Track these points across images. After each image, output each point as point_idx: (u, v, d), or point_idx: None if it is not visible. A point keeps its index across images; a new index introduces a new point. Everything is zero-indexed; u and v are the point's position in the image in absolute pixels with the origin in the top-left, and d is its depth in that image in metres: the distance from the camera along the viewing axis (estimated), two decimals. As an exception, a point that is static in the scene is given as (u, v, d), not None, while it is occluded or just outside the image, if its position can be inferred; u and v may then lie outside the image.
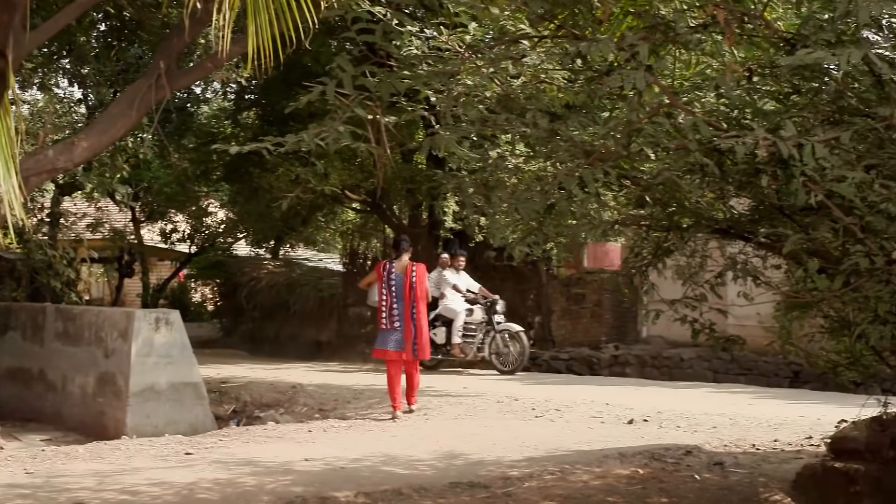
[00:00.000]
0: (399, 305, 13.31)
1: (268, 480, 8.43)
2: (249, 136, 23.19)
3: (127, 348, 12.27)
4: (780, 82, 6.58)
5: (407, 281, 13.40)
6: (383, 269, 13.56)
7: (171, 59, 13.30)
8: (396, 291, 13.37)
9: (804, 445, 10.11)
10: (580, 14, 6.92)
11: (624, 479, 8.45)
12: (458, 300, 20.10)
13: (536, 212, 7.14)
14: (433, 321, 19.41)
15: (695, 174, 6.73)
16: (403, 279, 13.42)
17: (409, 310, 13.31)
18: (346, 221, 33.70)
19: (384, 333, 13.35)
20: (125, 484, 8.30)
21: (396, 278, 13.42)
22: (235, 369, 20.00)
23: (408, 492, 7.90)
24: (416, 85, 6.77)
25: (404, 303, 13.32)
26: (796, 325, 7.86)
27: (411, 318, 13.30)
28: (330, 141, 6.58)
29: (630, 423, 11.93)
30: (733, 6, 6.14)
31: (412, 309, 13.31)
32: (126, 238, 31.94)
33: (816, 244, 6.11)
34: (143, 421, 12.03)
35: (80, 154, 13.03)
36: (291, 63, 15.93)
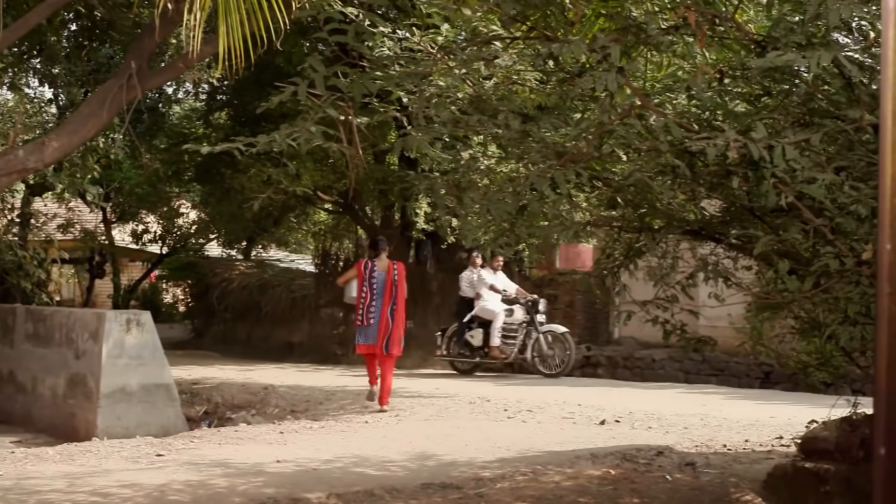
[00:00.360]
0: (377, 303, 13.59)
1: (239, 482, 8.39)
2: (221, 136, 23.12)
3: (98, 349, 12.20)
4: (751, 84, 6.61)
5: (389, 279, 13.66)
6: (364, 267, 13.82)
7: (143, 60, 13.26)
8: (377, 289, 13.64)
9: (775, 446, 10.15)
10: (552, 16, 6.93)
11: (595, 480, 8.46)
12: (496, 300, 19.58)
13: (508, 213, 7.15)
14: (469, 322, 19.57)
15: (666, 175, 6.75)
16: (385, 277, 13.68)
17: (388, 307, 13.57)
18: (318, 222, 33.66)
19: (361, 329, 13.68)
20: (96, 486, 8.25)
21: (378, 277, 13.69)
22: (207, 370, 19.93)
23: (380, 493, 7.88)
24: (388, 86, 6.77)
25: (383, 300, 13.58)
26: (767, 326, 7.90)
27: (388, 316, 13.55)
28: (302, 141, 6.57)
29: (602, 424, 11.95)
30: (704, 8, 6.16)
31: (391, 306, 13.58)
32: (97, 239, 31.80)
33: (787, 245, 6.14)
34: (114, 422, 11.96)
35: (50, 154, 12.97)
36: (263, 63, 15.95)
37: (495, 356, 19.36)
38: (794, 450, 8.43)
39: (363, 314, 13.64)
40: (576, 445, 10.23)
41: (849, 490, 6.88)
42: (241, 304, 27.90)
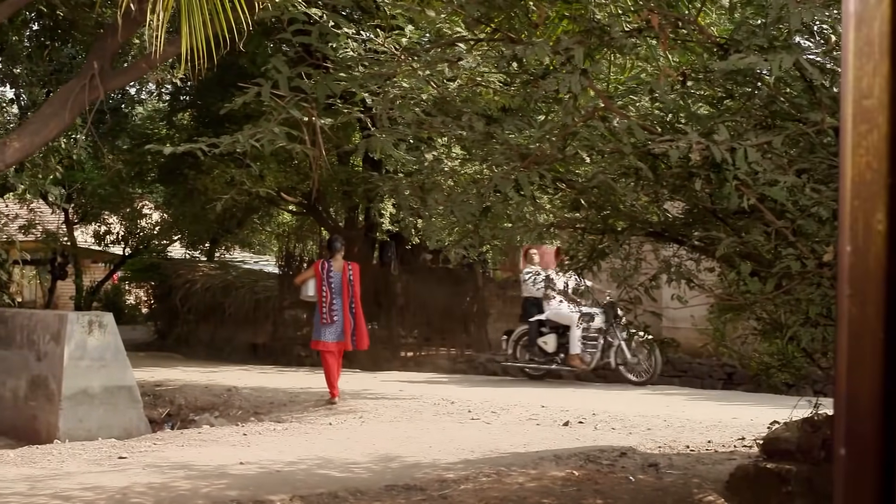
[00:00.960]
0: (338, 301, 14.41)
1: (202, 484, 8.36)
2: (184, 137, 23.03)
3: (59, 351, 12.12)
4: (714, 87, 6.64)
5: (345, 278, 14.49)
6: (321, 267, 14.61)
7: (105, 60, 13.19)
8: (335, 288, 14.44)
9: (737, 446, 10.20)
10: (516, 18, 6.94)
11: (559, 481, 8.48)
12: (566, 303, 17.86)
13: (472, 214, 7.16)
14: (540, 327, 18.72)
15: (629, 178, 6.77)
16: (342, 277, 14.50)
17: (348, 305, 14.42)
18: (281, 223, 33.60)
19: (324, 327, 14.47)
20: (57, 489, 8.20)
21: (335, 276, 14.49)
22: (170, 372, 19.85)
23: (343, 495, 7.87)
24: (352, 87, 6.76)
25: (343, 299, 14.41)
26: (730, 328, 7.93)
27: (350, 313, 14.42)
28: (265, 142, 6.56)
29: (566, 426, 11.97)
30: (667, 11, 6.18)
31: (350, 304, 14.44)
32: (59, 240, 31.57)
33: (749, 247, 6.17)
34: (76, 425, 11.89)
35: (11, 155, 12.88)
36: (227, 64, 15.92)
37: (575, 364, 17.95)
38: (756, 450, 8.47)
39: (327, 312, 14.39)
40: (539, 447, 10.25)
41: (810, 490, 6.92)
42: (205, 306, 27.77)
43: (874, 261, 1.35)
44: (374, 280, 25.11)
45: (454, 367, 22.26)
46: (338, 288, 14.46)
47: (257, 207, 27.13)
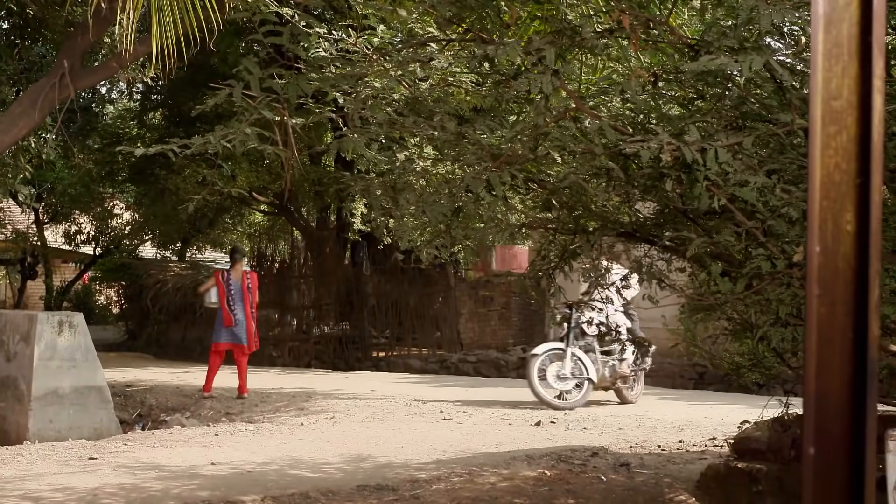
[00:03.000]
0: (239, 307, 15.79)
1: (173, 485, 8.34)
2: (155, 137, 22.99)
3: (29, 352, 12.06)
4: (685, 88, 6.66)
5: (244, 285, 15.93)
6: (222, 277, 16.10)
7: (76, 58, 13.13)
8: (235, 295, 15.81)
9: (708, 446, 10.25)
10: (488, 18, 6.95)
11: (531, 481, 8.50)
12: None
13: (444, 214, 7.16)
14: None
15: (601, 178, 6.79)
16: (240, 284, 15.93)
17: (249, 310, 15.85)
18: (253, 223, 33.54)
19: (227, 329, 15.83)
20: (27, 490, 8.16)
21: (234, 284, 15.90)
22: (141, 373, 19.79)
23: (315, 495, 7.87)
24: (323, 87, 6.75)
25: (244, 304, 15.80)
26: (700, 328, 7.96)
27: (251, 317, 15.92)
28: (237, 143, 6.54)
29: (537, 426, 12.00)
30: (638, 12, 6.20)
31: (251, 309, 15.92)
32: (29, 240, 31.46)
33: (720, 248, 6.19)
34: (46, 426, 11.84)
35: (-20, 154, 12.82)
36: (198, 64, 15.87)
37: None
38: (727, 450, 8.51)
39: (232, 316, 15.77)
40: (511, 447, 10.27)
41: (780, 490, 6.96)
42: (176, 306, 27.68)
43: (843, 261, 1.36)
44: (346, 280, 25.12)
45: (426, 368, 22.29)
46: (238, 294, 15.82)
47: (229, 207, 27.10)
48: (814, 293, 1.38)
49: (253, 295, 16.03)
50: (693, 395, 16.25)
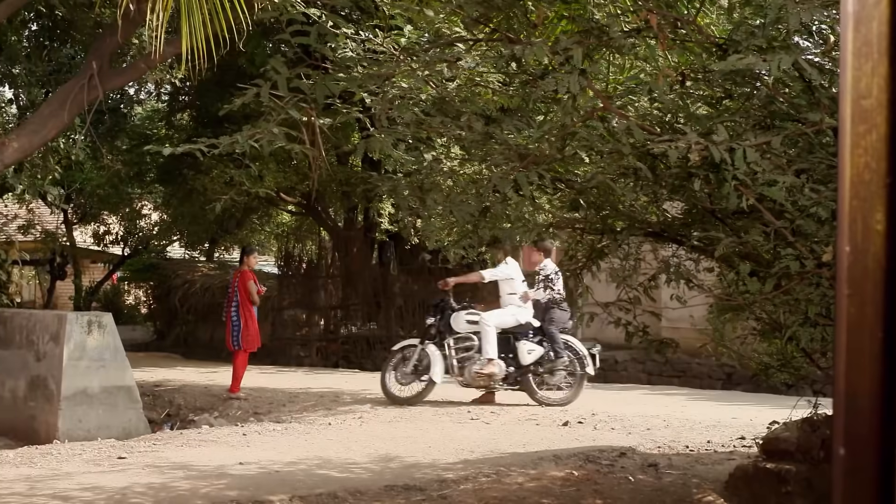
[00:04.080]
0: (232, 308, 15.65)
1: (202, 485, 8.36)
2: (183, 137, 23.02)
3: (59, 352, 12.12)
4: (713, 87, 6.64)
5: (232, 285, 15.88)
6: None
7: (104, 60, 13.19)
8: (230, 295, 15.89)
9: (737, 446, 10.20)
10: (515, 18, 6.94)
11: (559, 481, 8.48)
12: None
13: (471, 214, 7.16)
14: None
15: (628, 178, 6.77)
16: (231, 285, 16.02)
17: (231, 309, 15.64)
18: (280, 224, 33.58)
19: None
20: (57, 489, 8.20)
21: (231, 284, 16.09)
22: (169, 373, 19.84)
23: (343, 495, 7.87)
24: (351, 87, 6.76)
25: (236, 305, 15.61)
26: (729, 328, 7.93)
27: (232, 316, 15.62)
28: (264, 143, 6.56)
29: (565, 426, 11.97)
30: (666, 11, 6.19)
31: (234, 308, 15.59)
32: (58, 240, 31.54)
33: (748, 247, 6.17)
34: (75, 425, 11.90)
35: (10, 155, 12.89)
36: (226, 64, 15.90)
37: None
38: (755, 450, 8.47)
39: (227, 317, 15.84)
40: (539, 447, 10.24)
41: (809, 490, 6.92)
42: (204, 306, 27.74)
43: (873, 261, 1.35)
44: (373, 280, 25.13)
45: (454, 367, 22.22)
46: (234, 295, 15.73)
47: (256, 208, 27.12)
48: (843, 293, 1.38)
49: (240, 294, 15.62)
50: (721, 395, 16.18)
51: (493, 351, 13.94)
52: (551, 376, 14.15)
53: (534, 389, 14.10)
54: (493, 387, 14.20)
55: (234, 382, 15.46)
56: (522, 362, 14.09)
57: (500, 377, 14.06)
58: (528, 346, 14.16)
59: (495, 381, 14.09)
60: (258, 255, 17.45)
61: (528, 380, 14.12)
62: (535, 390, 14.11)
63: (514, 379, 14.17)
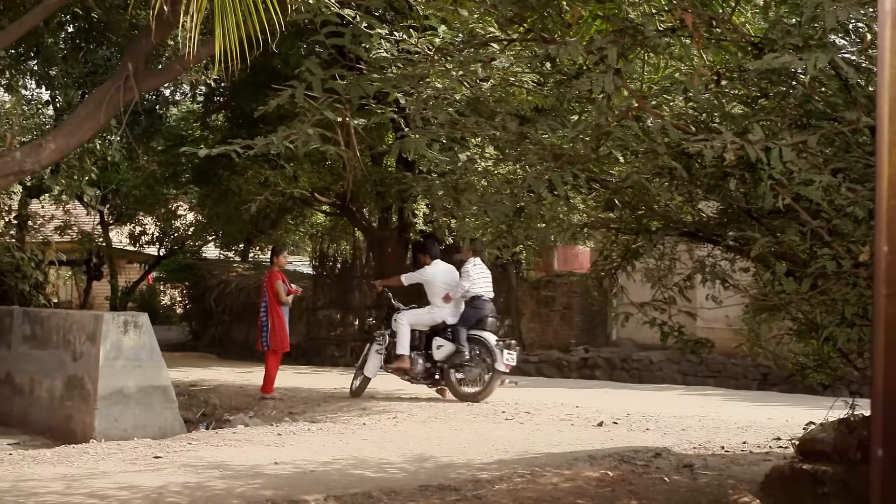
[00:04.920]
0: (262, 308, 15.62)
1: (237, 484, 8.39)
2: (218, 138, 23.14)
3: (95, 352, 12.19)
4: (748, 86, 6.61)
5: (262, 286, 15.94)
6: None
7: (140, 61, 13.24)
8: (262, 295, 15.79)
9: (773, 447, 10.16)
10: (549, 17, 6.93)
11: (593, 482, 8.46)
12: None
13: (506, 214, 7.15)
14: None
15: (663, 177, 6.75)
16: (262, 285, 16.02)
17: (261, 309, 15.64)
18: (315, 224, 33.66)
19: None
20: (93, 488, 8.24)
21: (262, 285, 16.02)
22: (204, 372, 19.94)
23: (378, 495, 7.88)
24: (385, 88, 6.77)
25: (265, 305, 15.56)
26: (765, 328, 7.89)
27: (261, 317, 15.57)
28: (299, 143, 6.57)
29: (600, 426, 11.95)
30: (701, 10, 6.16)
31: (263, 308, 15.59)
32: (94, 240, 31.73)
33: (784, 247, 6.14)
34: (112, 425, 11.96)
35: (47, 156, 12.95)
36: (260, 66, 15.96)
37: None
38: (791, 451, 8.43)
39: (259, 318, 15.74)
40: (574, 447, 10.23)
41: (846, 492, 6.88)
42: (239, 306, 27.86)
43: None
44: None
45: (487, 368, 22.23)
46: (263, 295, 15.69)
47: (291, 208, 27.20)
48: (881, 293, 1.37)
49: (270, 295, 15.48)
50: (757, 395, 16.12)
51: (403, 348, 14.99)
52: (468, 371, 14.81)
53: (453, 383, 14.84)
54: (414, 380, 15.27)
55: (267, 383, 15.49)
56: (434, 358, 14.96)
57: (415, 371, 15.05)
58: (438, 343, 15.01)
59: (412, 374, 15.12)
60: (288, 255, 17.22)
61: (448, 375, 14.88)
62: (455, 385, 14.83)
63: (429, 373, 15.10)
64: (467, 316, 14.97)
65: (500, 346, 14.47)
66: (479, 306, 14.93)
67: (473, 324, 14.87)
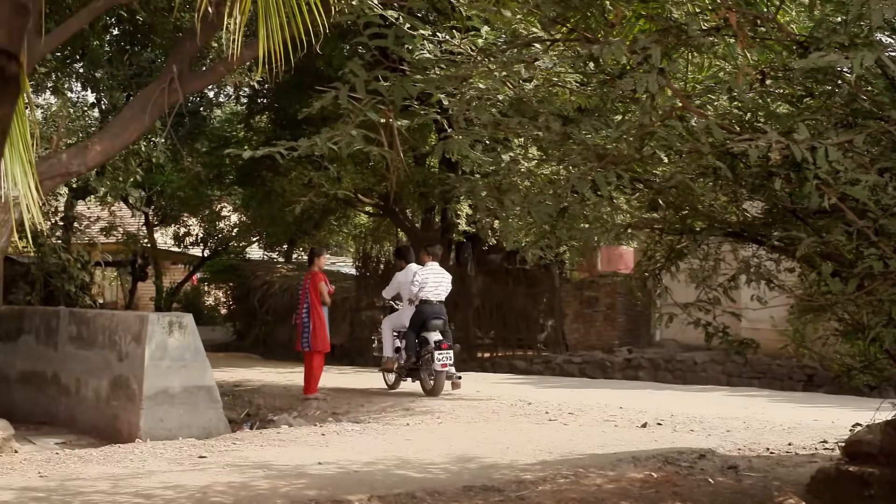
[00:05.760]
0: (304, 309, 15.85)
1: (281, 484, 8.42)
2: (262, 139, 23.27)
3: (140, 352, 12.26)
4: (793, 85, 6.56)
5: (304, 287, 16.02)
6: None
7: (184, 63, 13.34)
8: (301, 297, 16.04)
9: (818, 449, 10.09)
10: (592, 17, 6.91)
11: (637, 483, 8.44)
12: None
13: (549, 215, 7.14)
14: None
15: (708, 177, 6.72)
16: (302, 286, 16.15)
17: (302, 311, 15.89)
18: (358, 225, 33.78)
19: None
20: (139, 487, 8.30)
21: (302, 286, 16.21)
22: (248, 373, 20.04)
23: (421, 495, 7.89)
24: (428, 89, 6.76)
25: (300, 306, 15.98)
26: (810, 329, 7.85)
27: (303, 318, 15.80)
28: (343, 145, 6.59)
29: (643, 427, 11.91)
30: (746, 9, 6.13)
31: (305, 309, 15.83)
32: (139, 242, 31.98)
33: (830, 247, 6.10)
34: (157, 424, 12.03)
35: (93, 158, 13.06)
36: (304, 67, 16.02)
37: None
38: (837, 453, 8.37)
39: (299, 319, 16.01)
40: (617, 448, 10.20)
41: (893, 494, 6.83)
42: (283, 307, 27.96)
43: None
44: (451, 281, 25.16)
45: (530, 369, 22.28)
46: (304, 296, 15.89)
47: (334, 209, 27.30)
48: (931, 294, 1.36)
49: (311, 295, 15.76)
50: (802, 397, 16.01)
51: (386, 350, 16.65)
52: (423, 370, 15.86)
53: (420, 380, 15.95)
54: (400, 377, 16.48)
55: (310, 384, 15.61)
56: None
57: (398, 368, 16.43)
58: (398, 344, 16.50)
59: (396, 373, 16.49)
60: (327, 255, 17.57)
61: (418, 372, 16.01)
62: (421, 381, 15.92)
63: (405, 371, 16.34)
64: (414, 319, 16.11)
65: (435, 347, 15.45)
66: (424, 310, 15.98)
67: (419, 326, 15.97)
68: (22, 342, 15.30)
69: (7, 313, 16.23)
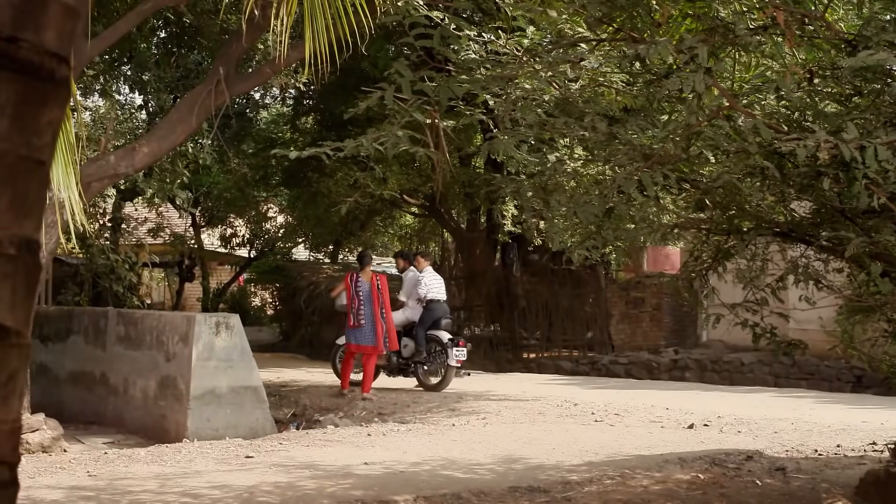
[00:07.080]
0: (367, 308, 15.86)
1: (328, 484, 8.45)
2: (308, 141, 23.35)
3: (188, 352, 12.34)
4: (842, 84, 6.52)
5: (373, 288, 16.02)
6: (351, 279, 16.21)
7: (230, 65, 13.39)
8: (364, 297, 15.91)
9: (867, 451, 10.00)
10: (638, 17, 6.89)
11: (684, 485, 8.40)
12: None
13: (595, 215, 7.12)
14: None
15: (755, 177, 6.68)
16: (370, 287, 16.05)
17: (379, 312, 15.91)
18: (404, 226, 33.81)
19: (352, 331, 15.89)
20: (186, 487, 8.36)
21: (363, 286, 16.03)
22: (295, 373, 20.11)
23: (467, 496, 7.89)
24: (474, 89, 6.76)
25: (373, 306, 15.90)
26: (859, 329, 7.79)
27: (381, 319, 15.89)
28: (388, 146, 6.60)
29: (690, 428, 11.85)
30: (793, 8, 6.09)
31: (381, 310, 15.95)
32: (186, 243, 32.14)
33: (879, 247, 6.05)
34: (204, 424, 12.10)
35: (140, 160, 13.14)
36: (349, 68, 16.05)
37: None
38: (887, 455, 8.31)
39: (355, 318, 15.83)
40: (664, 449, 10.16)
41: (944, 496, 6.77)
42: (328, 308, 27.99)
43: None
44: (496, 282, 25.17)
45: (576, 369, 22.23)
46: (367, 297, 15.90)
47: (380, 210, 27.35)
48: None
49: (384, 296, 16.08)
50: (851, 398, 15.87)
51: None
52: (430, 365, 16.82)
53: (418, 376, 16.87)
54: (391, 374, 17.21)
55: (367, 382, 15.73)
56: (403, 355, 16.97)
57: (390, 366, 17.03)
58: (404, 341, 17.01)
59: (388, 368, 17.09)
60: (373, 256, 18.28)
61: (416, 369, 16.88)
62: (420, 377, 16.85)
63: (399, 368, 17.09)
64: (424, 318, 17.02)
65: (451, 344, 16.32)
66: (434, 309, 17.08)
67: (430, 324, 16.90)
68: (71, 342, 15.44)
69: (56, 314, 16.39)
